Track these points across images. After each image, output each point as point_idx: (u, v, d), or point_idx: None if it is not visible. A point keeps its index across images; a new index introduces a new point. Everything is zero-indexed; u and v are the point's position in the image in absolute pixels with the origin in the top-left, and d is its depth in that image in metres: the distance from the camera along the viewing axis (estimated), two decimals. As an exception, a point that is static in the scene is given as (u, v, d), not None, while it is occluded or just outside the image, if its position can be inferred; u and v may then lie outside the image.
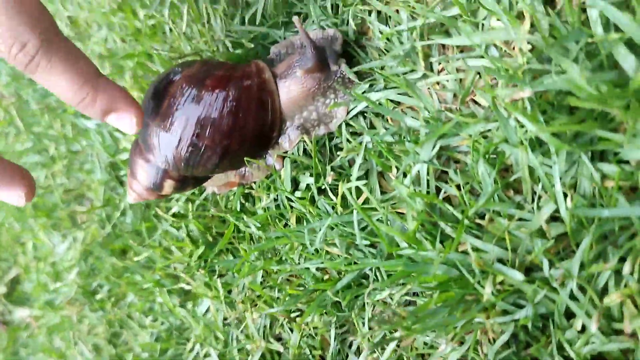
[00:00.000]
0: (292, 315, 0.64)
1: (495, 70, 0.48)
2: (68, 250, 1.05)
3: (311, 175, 0.59)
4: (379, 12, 0.58)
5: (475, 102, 0.52)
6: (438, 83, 0.54)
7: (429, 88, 0.54)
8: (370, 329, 0.56)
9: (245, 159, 0.59)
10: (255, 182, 0.65)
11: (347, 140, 0.57)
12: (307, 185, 0.60)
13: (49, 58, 0.43)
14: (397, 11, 0.55)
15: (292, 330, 0.64)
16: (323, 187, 0.59)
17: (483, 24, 0.50)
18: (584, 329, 0.43)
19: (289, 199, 0.62)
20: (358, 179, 0.56)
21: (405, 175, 0.54)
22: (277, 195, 0.64)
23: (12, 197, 0.49)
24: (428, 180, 0.52)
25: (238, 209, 0.65)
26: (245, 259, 0.64)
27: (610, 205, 0.41)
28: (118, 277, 0.87)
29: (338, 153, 0.58)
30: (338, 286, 0.56)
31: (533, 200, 0.47)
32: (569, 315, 0.44)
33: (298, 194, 0.61)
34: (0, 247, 1.27)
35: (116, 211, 0.87)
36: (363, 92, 0.56)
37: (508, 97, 0.44)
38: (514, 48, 0.48)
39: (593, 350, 0.42)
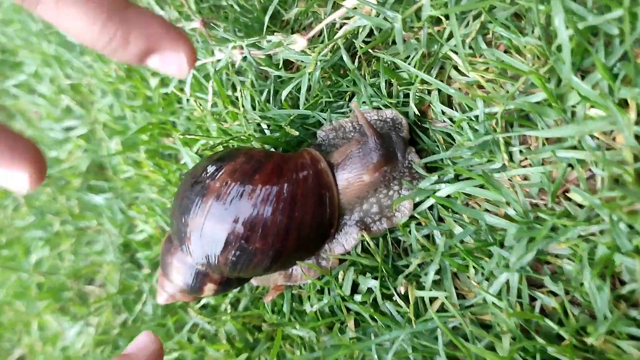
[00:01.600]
0: None
1: (593, 165, 0.42)
2: (79, 336, 0.96)
3: (375, 278, 0.52)
4: (439, 90, 0.51)
5: (568, 198, 0.45)
6: (518, 175, 0.47)
7: (510, 180, 0.47)
8: None
9: (298, 262, 0.52)
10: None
11: (417, 240, 0.51)
12: (369, 288, 0.53)
13: None
14: (467, 93, 0.49)
15: None
16: (389, 292, 0.52)
17: (573, 111, 0.43)
18: None
19: (343, 299, 0.55)
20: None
21: (487, 278, 0.48)
22: (329, 293, 0.57)
23: (12, 180, 0.33)
24: (519, 289, 0.46)
25: (288, 316, 0.58)
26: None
27: None
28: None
29: (407, 259, 0.51)
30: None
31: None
32: None
33: (358, 297, 0.53)
34: (2, 326, 1.18)
35: (136, 301, 0.79)
36: (432, 184, 0.50)
37: (625, 207, 0.37)
38: (614, 139, 0.42)
39: None
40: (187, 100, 0.76)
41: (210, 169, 0.52)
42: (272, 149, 0.60)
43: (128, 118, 0.87)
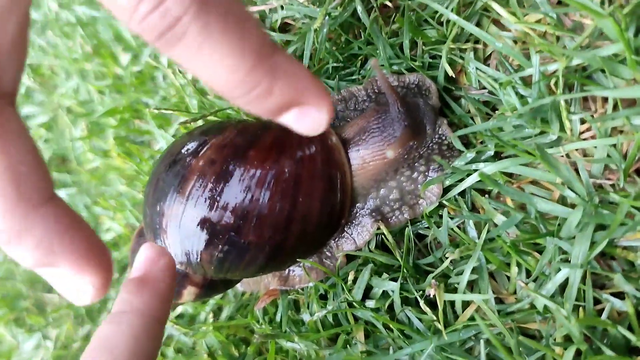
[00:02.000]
0: None
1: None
2: (36, 350, 0.85)
3: (393, 280, 0.42)
4: (474, 50, 0.42)
5: (641, 176, 0.36)
6: (576, 149, 0.38)
7: (567, 157, 0.38)
8: None
9: (302, 262, 0.43)
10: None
11: (450, 234, 0.41)
12: (383, 291, 0.44)
13: (205, 22, 0.23)
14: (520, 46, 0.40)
15: None
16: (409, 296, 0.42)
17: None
18: None
19: (350, 305, 0.46)
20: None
21: (535, 279, 0.38)
22: (334, 298, 0.47)
23: (75, 288, 0.27)
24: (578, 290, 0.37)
25: (284, 328, 0.48)
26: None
27: None
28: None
29: (433, 255, 0.42)
30: None
31: None
32: None
33: (370, 303, 0.44)
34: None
35: (101, 311, 0.68)
36: (467, 163, 0.40)
37: None
38: None
39: None
40: (164, 77, 0.66)
41: (192, 144, 0.42)
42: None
43: (95, 101, 0.76)
